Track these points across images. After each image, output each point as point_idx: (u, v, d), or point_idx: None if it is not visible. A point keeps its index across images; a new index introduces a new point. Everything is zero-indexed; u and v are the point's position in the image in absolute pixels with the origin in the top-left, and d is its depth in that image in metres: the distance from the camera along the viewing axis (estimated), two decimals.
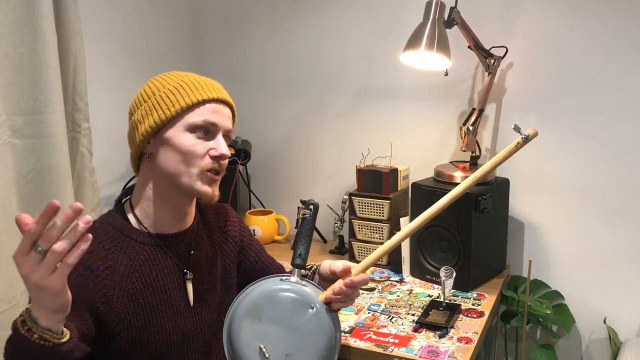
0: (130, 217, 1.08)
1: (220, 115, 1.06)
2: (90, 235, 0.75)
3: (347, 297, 1.08)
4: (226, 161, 1.07)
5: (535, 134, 1.07)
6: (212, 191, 1.05)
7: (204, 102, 1.04)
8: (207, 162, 1.03)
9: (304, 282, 1.10)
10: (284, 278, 1.10)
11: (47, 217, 0.72)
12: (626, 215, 1.71)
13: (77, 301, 0.94)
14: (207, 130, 1.04)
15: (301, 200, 1.87)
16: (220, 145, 1.04)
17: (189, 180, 1.03)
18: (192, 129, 1.03)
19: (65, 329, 0.83)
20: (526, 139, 1.07)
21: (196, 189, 1.03)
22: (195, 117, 1.03)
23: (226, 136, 1.08)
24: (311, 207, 1.14)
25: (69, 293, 0.80)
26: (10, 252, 1.35)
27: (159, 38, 2.04)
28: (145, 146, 1.05)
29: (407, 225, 1.10)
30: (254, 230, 2.04)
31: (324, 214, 2.03)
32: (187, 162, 1.02)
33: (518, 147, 1.07)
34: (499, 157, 1.09)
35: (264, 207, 2.21)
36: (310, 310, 1.05)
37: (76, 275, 0.96)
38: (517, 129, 1.07)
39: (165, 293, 1.07)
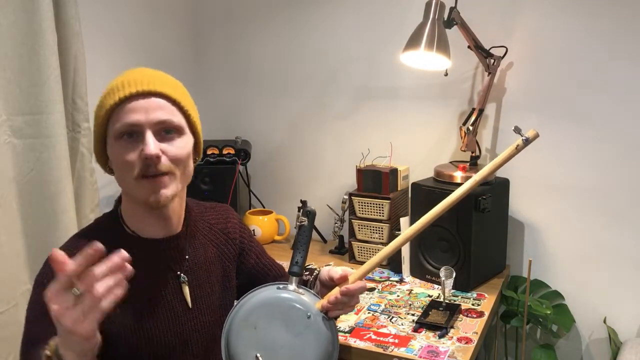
0: (123, 222, 1.07)
1: (141, 111, 0.94)
2: (124, 282, 0.74)
3: (345, 304, 1.06)
4: (162, 159, 0.95)
5: (536, 136, 1.04)
6: (154, 197, 0.96)
7: (119, 104, 0.94)
8: (137, 167, 0.94)
9: (301, 290, 1.08)
10: (281, 286, 1.09)
11: (90, 261, 0.70)
12: (626, 215, 1.71)
13: None
14: (132, 134, 0.94)
15: (301, 201, 1.87)
16: (145, 145, 0.93)
17: (132, 191, 0.98)
18: (117, 137, 0.95)
19: None
20: (526, 142, 1.03)
21: (141, 199, 0.97)
22: (115, 124, 0.95)
23: (162, 129, 0.96)
24: (308, 214, 1.13)
25: (99, 336, 0.77)
26: (10, 252, 1.36)
27: (160, 38, 2.04)
28: (106, 164, 1.04)
29: (405, 232, 1.09)
30: (253, 230, 2.04)
31: (324, 214, 2.03)
32: (123, 173, 0.97)
33: (518, 149, 1.04)
34: (498, 161, 1.06)
35: (264, 207, 2.21)
36: (307, 318, 1.04)
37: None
38: (517, 130, 1.04)
39: (162, 297, 1.06)
